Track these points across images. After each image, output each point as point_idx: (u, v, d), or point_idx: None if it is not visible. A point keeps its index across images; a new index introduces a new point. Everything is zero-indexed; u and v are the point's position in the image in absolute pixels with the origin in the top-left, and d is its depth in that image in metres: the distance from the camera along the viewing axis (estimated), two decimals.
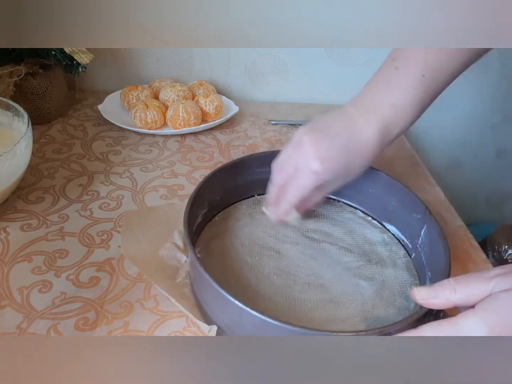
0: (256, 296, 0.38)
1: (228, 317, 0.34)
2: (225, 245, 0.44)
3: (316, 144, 0.39)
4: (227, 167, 0.46)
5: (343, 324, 0.36)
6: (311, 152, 0.38)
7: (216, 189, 0.46)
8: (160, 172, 0.56)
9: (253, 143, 0.65)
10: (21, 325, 0.35)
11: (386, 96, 0.40)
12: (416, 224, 0.42)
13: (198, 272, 0.34)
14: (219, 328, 0.34)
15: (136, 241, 0.43)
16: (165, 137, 0.65)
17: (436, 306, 0.31)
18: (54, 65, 0.62)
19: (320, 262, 0.42)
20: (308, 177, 0.39)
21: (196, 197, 0.41)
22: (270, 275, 0.41)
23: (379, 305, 0.38)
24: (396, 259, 0.44)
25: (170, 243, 0.42)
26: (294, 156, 0.40)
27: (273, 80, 0.79)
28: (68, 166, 0.56)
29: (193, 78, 0.77)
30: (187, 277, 0.40)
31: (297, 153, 0.40)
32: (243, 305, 0.30)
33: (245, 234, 0.45)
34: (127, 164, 0.57)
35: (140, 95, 0.67)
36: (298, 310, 0.37)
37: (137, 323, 0.36)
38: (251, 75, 0.78)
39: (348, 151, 0.39)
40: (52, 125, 0.65)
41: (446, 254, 0.36)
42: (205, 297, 0.36)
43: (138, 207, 0.49)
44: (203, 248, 0.43)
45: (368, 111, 0.40)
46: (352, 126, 0.40)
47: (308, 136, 0.39)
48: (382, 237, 0.46)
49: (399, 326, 0.30)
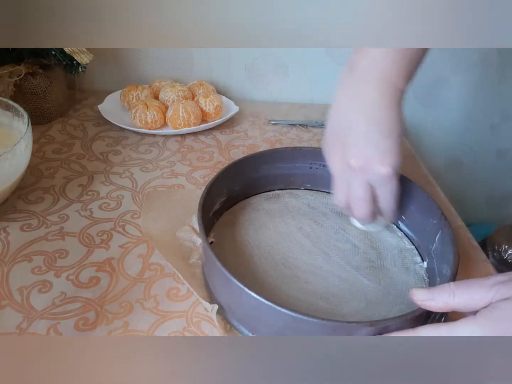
0: (261, 283, 0.39)
1: (229, 297, 0.35)
2: (239, 233, 0.45)
3: (363, 157, 0.37)
4: (248, 159, 0.47)
5: (343, 319, 0.36)
6: (368, 167, 0.37)
7: (236, 179, 0.46)
8: (160, 172, 0.56)
9: (253, 143, 0.65)
10: (21, 325, 0.35)
11: (386, 58, 0.37)
12: (432, 229, 0.42)
13: (206, 253, 0.35)
14: (221, 307, 0.36)
15: (155, 221, 0.45)
16: (165, 137, 0.65)
17: (434, 308, 0.30)
18: (54, 65, 0.62)
19: (331, 257, 0.43)
20: (389, 182, 0.38)
21: (214, 185, 0.42)
22: (278, 265, 0.41)
23: (382, 307, 0.38)
24: (408, 264, 0.43)
25: (188, 225, 0.44)
26: (352, 182, 0.39)
27: (273, 80, 0.79)
28: (68, 166, 0.56)
29: (193, 78, 0.77)
30: (199, 259, 0.41)
31: (354, 178, 0.39)
32: (243, 286, 0.31)
33: (260, 224, 0.46)
34: (127, 164, 0.57)
35: (140, 95, 0.67)
36: (301, 299, 0.38)
37: (137, 323, 0.36)
38: (251, 75, 0.78)
39: (383, 133, 0.37)
40: (52, 125, 0.65)
41: (455, 260, 0.36)
42: (211, 277, 0.38)
43: (138, 207, 0.49)
44: (217, 233, 0.44)
45: (376, 80, 0.37)
46: (369, 108, 0.37)
47: (348, 154, 0.38)
48: (398, 241, 0.46)
49: (392, 322, 0.30)
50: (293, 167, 0.50)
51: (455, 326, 0.28)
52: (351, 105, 0.39)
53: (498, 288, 0.28)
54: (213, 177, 0.43)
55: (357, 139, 0.38)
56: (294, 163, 0.50)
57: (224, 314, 0.36)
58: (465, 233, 0.50)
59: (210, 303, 0.36)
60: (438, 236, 0.41)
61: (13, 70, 0.58)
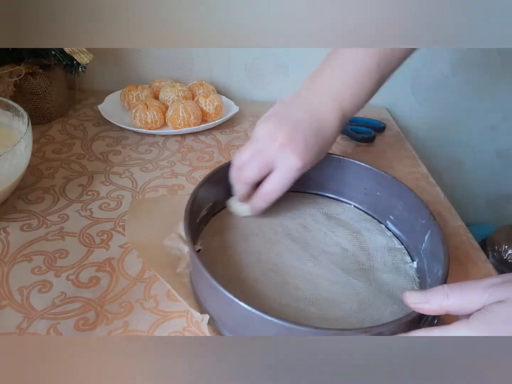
0: (251, 291, 0.39)
1: (219, 307, 0.34)
2: (227, 240, 0.44)
3: (291, 140, 0.39)
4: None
5: (335, 324, 0.36)
6: (289, 149, 0.39)
7: (222, 184, 0.46)
8: (160, 172, 0.56)
9: None
10: (21, 325, 0.35)
11: (345, 84, 0.41)
12: (421, 229, 0.42)
13: (194, 261, 0.34)
14: (211, 317, 0.35)
15: (141, 230, 0.44)
16: (165, 137, 0.65)
17: (428, 311, 0.30)
18: (54, 65, 0.62)
19: (320, 261, 0.42)
20: (290, 174, 0.39)
21: (200, 191, 0.42)
22: (268, 271, 0.41)
23: (374, 309, 0.38)
24: (399, 264, 0.43)
25: (175, 233, 0.43)
26: (265, 152, 0.40)
27: (273, 80, 0.79)
28: (68, 166, 0.56)
29: (193, 78, 0.77)
30: (187, 267, 0.40)
31: (269, 149, 0.39)
32: (232, 296, 0.31)
33: (248, 230, 0.46)
34: (127, 164, 0.57)
35: (140, 95, 0.67)
36: (292, 306, 0.37)
37: (137, 323, 0.36)
38: (251, 75, 0.78)
39: (318, 141, 0.40)
40: (52, 125, 0.65)
41: (446, 261, 0.36)
42: (200, 287, 0.37)
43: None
44: (205, 240, 0.44)
45: (330, 99, 0.41)
46: (317, 115, 0.41)
47: (279, 130, 0.39)
48: (387, 241, 0.46)
49: (385, 328, 0.30)
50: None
51: (448, 330, 0.28)
52: (303, 104, 0.42)
53: (492, 291, 0.28)
54: (198, 183, 0.43)
55: (294, 125, 0.40)
56: None
57: (215, 324, 0.35)
58: (465, 233, 0.50)
59: (201, 313, 0.35)
60: (427, 236, 0.41)
61: (13, 70, 0.58)
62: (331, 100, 0.41)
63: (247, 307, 0.30)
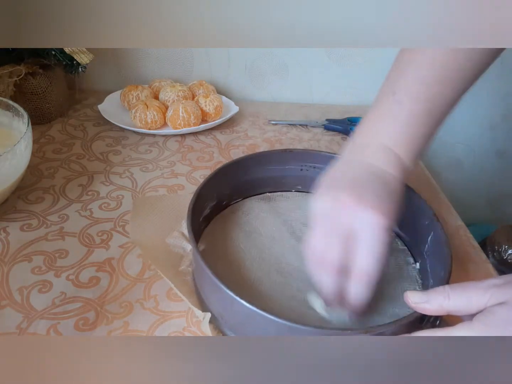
0: (253, 290, 0.39)
1: (221, 306, 0.34)
2: (230, 238, 0.44)
3: (361, 196, 0.33)
4: (236, 162, 0.47)
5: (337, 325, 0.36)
6: (363, 206, 0.33)
7: (225, 183, 0.46)
8: (160, 172, 0.56)
9: (253, 143, 0.65)
10: (21, 325, 0.35)
11: (399, 135, 0.37)
12: (424, 230, 0.42)
13: (196, 260, 0.34)
14: (213, 316, 0.35)
15: (144, 227, 0.44)
16: (165, 137, 0.65)
17: (429, 311, 0.30)
18: (54, 65, 0.62)
19: None
20: (378, 231, 0.32)
21: (203, 190, 0.42)
22: (271, 272, 0.41)
23: (376, 310, 0.38)
24: (402, 265, 0.43)
25: (178, 232, 0.44)
26: (339, 222, 0.33)
27: (273, 80, 0.79)
28: (68, 166, 0.56)
29: (193, 78, 0.77)
30: (190, 265, 0.41)
31: (342, 217, 0.33)
32: (234, 295, 0.31)
33: (251, 229, 0.46)
34: (127, 164, 0.57)
35: (140, 95, 0.67)
36: (293, 307, 0.37)
37: (137, 323, 0.36)
38: (251, 75, 0.78)
39: (390, 196, 0.35)
40: (52, 125, 0.65)
41: (448, 262, 0.36)
42: (202, 285, 0.37)
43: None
44: (208, 239, 0.44)
45: (386, 154, 0.36)
46: (378, 171, 0.36)
47: (343, 194, 0.34)
48: (389, 241, 0.46)
49: (386, 328, 0.30)
50: (284, 169, 0.49)
51: (451, 331, 0.28)
52: (360, 163, 0.37)
53: (493, 292, 0.28)
54: (202, 182, 0.42)
55: (354, 182, 0.35)
56: (285, 165, 0.49)
57: (216, 323, 0.35)
58: (465, 233, 0.50)
59: (202, 311, 0.35)
60: (430, 237, 0.41)
61: (13, 70, 0.58)
62: (388, 155, 0.36)
63: (249, 306, 0.30)
